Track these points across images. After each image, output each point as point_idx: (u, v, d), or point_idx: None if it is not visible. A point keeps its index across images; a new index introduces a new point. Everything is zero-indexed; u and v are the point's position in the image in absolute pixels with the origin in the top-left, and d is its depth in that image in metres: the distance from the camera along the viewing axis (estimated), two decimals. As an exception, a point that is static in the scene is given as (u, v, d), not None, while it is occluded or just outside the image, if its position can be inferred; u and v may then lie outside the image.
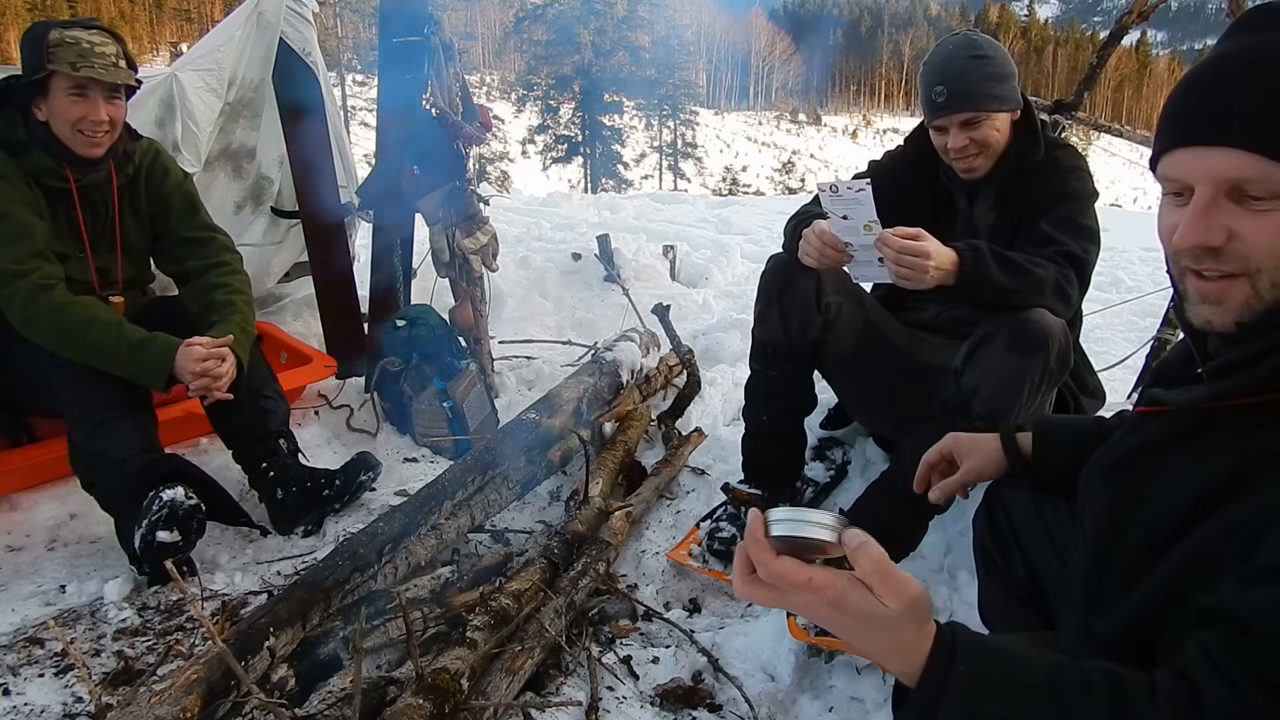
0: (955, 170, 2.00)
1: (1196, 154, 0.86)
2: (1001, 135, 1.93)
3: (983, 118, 1.89)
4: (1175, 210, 0.90)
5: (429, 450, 2.79)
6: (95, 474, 2.03)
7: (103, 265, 2.23)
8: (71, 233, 2.15)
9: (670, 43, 39.24)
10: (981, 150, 1.93)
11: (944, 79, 1.88)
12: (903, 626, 0.78)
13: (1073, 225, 1.89)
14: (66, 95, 2.01)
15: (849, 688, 1.71)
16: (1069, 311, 1.84)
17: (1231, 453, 0.86)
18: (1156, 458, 0.96)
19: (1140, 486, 0.96)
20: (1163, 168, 0.91)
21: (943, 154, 1.98)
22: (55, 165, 2.07)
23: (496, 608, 1.70)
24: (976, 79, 1.88)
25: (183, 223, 2.31)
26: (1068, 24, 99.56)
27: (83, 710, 1.62)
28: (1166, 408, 0.97)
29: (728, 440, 2.68)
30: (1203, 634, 0.78)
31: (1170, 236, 0.90)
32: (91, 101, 2.02)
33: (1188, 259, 0.89)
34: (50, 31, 1.98)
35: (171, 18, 55.11)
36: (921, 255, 1.69)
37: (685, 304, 4.11)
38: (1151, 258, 6.09)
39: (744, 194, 35.29)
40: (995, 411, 1.75)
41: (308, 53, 3.04)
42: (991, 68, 1.89)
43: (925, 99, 1.94)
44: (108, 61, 2.01)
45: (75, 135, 2.04)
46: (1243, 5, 2.86)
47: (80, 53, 1.97)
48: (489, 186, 21.92)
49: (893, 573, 0.79)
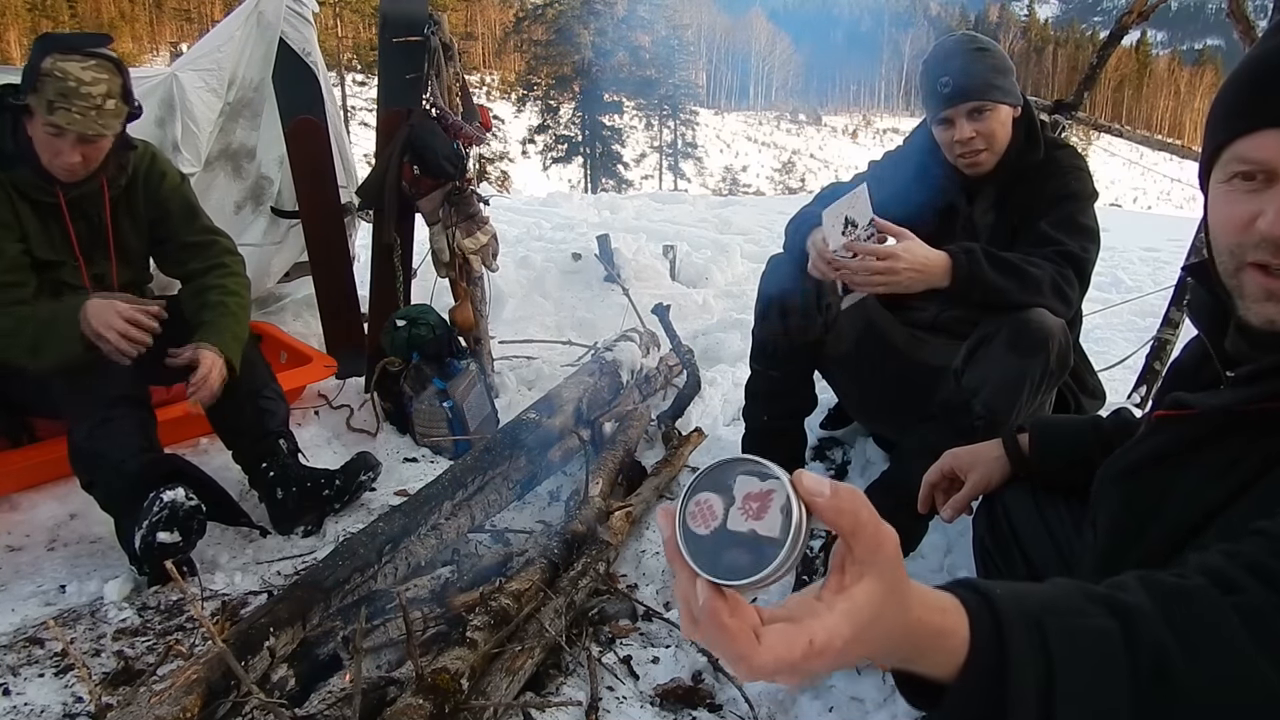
0: (959, 168, 1.99)
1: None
2: (1005, 131, 1.93)
3: (988, 108, 1.89)
4: (1250, 197, 0.82)
5: (429, 450, 2.79)
6: (95, 474, 2.03)
7: (97, 272, 2.21)
8: (63, 242, 2.13)
9: (670, 43, 39.22)
10: (987, 145, 1.92)
11: (949, 70, 1.89)
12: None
13: (1072, 225, 1.89)
14: (42, 129, 1.94)
15: (849, 688, 1.71)
16: (1069, 311, 1.84)
17: (1256, 457, 0.84)
18: (1178, 462, 0.93)
19: (1160, 490, 0.94)
20: (1240, 150, 0.83)
21: (947, 150, 1.97)
22: (42, 181, 2.03)
23: (496, 608, 1.70)
24: (981, 70, 1.88)
25: (184, 227, 2.30)
26: (1068, 24, 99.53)
27: (83, 710, 1.62)
28: (1189, 411, 0.93)
29: (728, 440, 2.68)
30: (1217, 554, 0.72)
31: (1241, 227, 0.83)
32: (65, 141, 1.94)
33: (1263, 252, 0.81)
34: (47, 57, 1.88)
35: (171, 18, 55.11)
36: (888, 257, 1.69)
37: (685, 304, 4.11)
38: (1151, 258, 6.09)
39: (744, 194, 35.29)
40: (995, 411, 1.75)
41: (308, 53, 3.05)
42: (994, 60, 1.90)
43: (930, 91, 1.93)
44: (90, 104, 1.90)
45: (52, 163, 2.00)
46: (1243, 5, 2.86)
47: (62, 91, 1.87)
48: (489, 186, 21.93)
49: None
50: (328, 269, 3.21)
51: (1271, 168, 0.81)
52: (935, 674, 0.63)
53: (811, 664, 0.55)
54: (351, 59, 37.05)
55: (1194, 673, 0.63)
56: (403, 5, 2.84)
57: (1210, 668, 0.64)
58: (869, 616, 0.57)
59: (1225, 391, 0.91)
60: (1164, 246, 6.34)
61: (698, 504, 0.58)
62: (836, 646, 0.55)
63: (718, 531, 0.57)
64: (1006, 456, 1.38)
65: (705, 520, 0.58)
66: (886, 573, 0.58)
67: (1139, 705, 0.62)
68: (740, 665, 0.55)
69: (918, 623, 0.60)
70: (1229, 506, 0.84)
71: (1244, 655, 0.64)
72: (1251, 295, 0.84)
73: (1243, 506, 0.83)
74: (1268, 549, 0.71)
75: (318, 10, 3.16)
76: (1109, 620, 0.64)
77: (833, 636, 0.55)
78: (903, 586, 0.59)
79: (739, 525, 0.57)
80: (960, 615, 0.62)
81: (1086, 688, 0.61)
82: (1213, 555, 0.73)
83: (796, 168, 60.42)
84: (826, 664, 0.56)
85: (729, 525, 0.57)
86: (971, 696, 0.62)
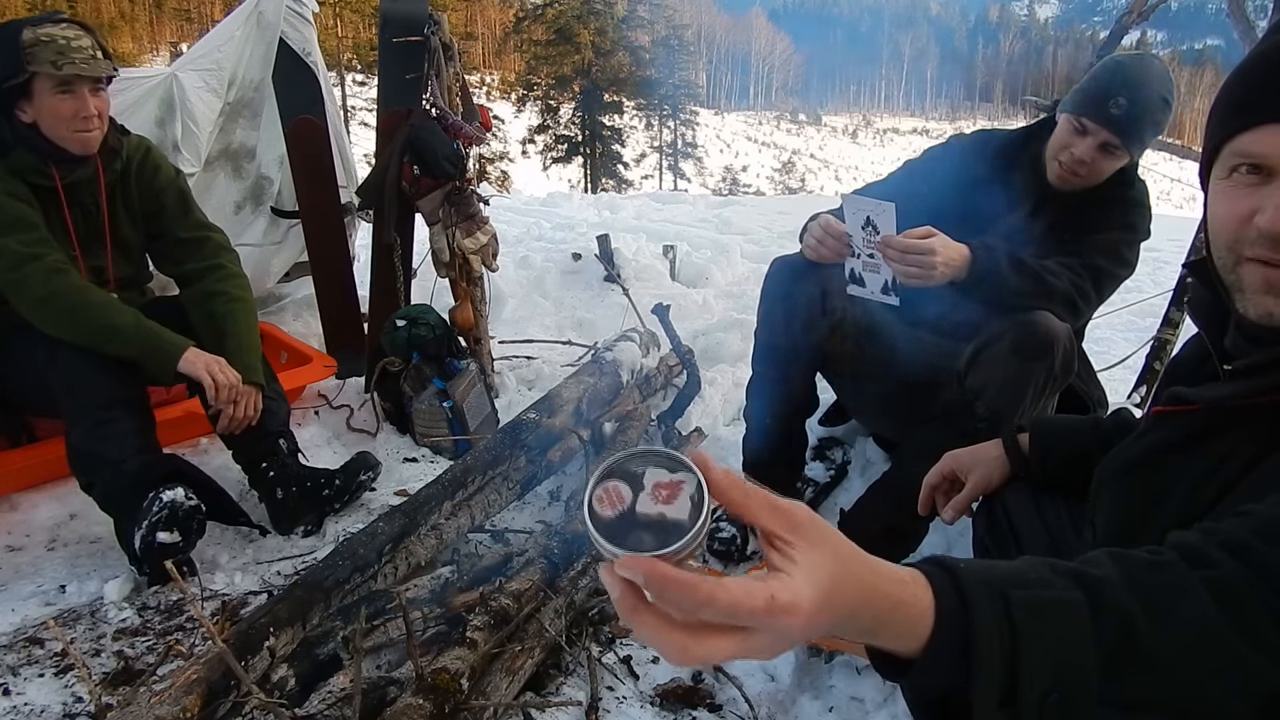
0: (1047, 169, 1.95)
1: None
2: (1109, 173, 1.92)
3: (1120, 153, 1.87)
4: (1249, 193, 0.83)
5: (429, 450, 2.79)
6: (94, 475, 2.03)
7: (95, 265, 2.21)
8: (61, 233, 2.14)
9: (670, 43, 39.22)
10: (1087, 177, 1.90)
11: (1130, 98, 1.80)
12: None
13: (1113, 251, 1.89)
14: (53, 95, 1.99)
15: (849, 688, 1.71)
16: (1076, 323, 1.84)
17: (1253, 450, 0.84)
18: (1176, 457, 0.93)
19: (1159, 486, 0.94)
20: (1240, 145, 0.83)
21: (1056, 148, 1.92)
22: (40, 164, 2.06)
23: (496, 608, 1.70)
24: (1149, 120, 1.83)
25: (178, 222, 2.30)
26: (1068, 24, 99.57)
27: (83, 710, 1.62)
28: (1188, 407, 0.94)
29: (728, 440, 2.68)
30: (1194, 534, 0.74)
31: (1240, 222, 0.83)
32: (79, 97, 2.01)
33: (1264, 247, 0.82)
34: (23, 32, 1.95)
35: (171, 18, 55.07)
36: (927, 253, 1.69)
37: (685, 304, 4.10)
38: (1151, 258, 6.07)
39: (744, 194, 35.28)
40: (998, 414, 1.75)
41: (308, 53, 3.04)
42: (1164, 120, 1.86)
43: (1098, 97, 1.83)
44: (87, 55, 2.00)
45: (69, 134, 2.03)
46: (1243, 5, 2.86)
47: (59, 50, 1.96)
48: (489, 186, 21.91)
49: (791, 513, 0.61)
50: (328, 269, 3.21)
51: (1270, 163, 0.81)
52: (898, 648, 0.63)
53: (777, 620, 0.55)
54: (351, 59, 37.03)
55: (1160, 641, 0.64)
56: (403, 5, 2.84)
57: (1177, 636, 0.65)
58: (825, 576, 0.58)
59: (1223, 385, 0.91)
60: (1164, 246, 6.31)
61: (605, 490, 0.61)
62: (803, 607, 0.56)
63: (625, 515, 0.60)
64: (1006, 456, 1.38)
65: (612, 504, 0.60)
66: (815, 537, 0.59)
67: (1105, 674, 0.63)
68: (705, 609, 0.54)
69: (875, 590, 0.61)
70: (1224, 499, 0.84)
71: (1210, 624, 0.65)
72: (1251, 288, 0.84)
73: (1236, 496, 0.83)
74: (1247, 526, 0.72)
75: (318, 10, 3.16)
76: (1075, 592, 0.66)
77: (796, 596, 0.56)
78: (845, 548, 0.61)
79: (648, 509, 0.60)
80: (921, 587, 0.63)
81: (1051, 657, 0.62)
82: (1190, 533, 0.74)
83: (796, 168, 60.41)
84: (797, 628, 0.56)
85: (638, 509, 0.60)
86: (938, 666, 0.63)
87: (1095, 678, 0.63)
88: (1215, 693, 0.65)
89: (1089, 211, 1.95)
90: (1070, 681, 0.62)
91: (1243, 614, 0.66)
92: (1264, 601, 0.66)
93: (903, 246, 1.70)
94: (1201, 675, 0.65)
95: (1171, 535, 0.74)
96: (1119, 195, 1.95)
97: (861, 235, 1.78)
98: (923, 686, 0.65)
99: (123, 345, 2.02)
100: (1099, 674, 0.63)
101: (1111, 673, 0.63)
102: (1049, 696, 0.62)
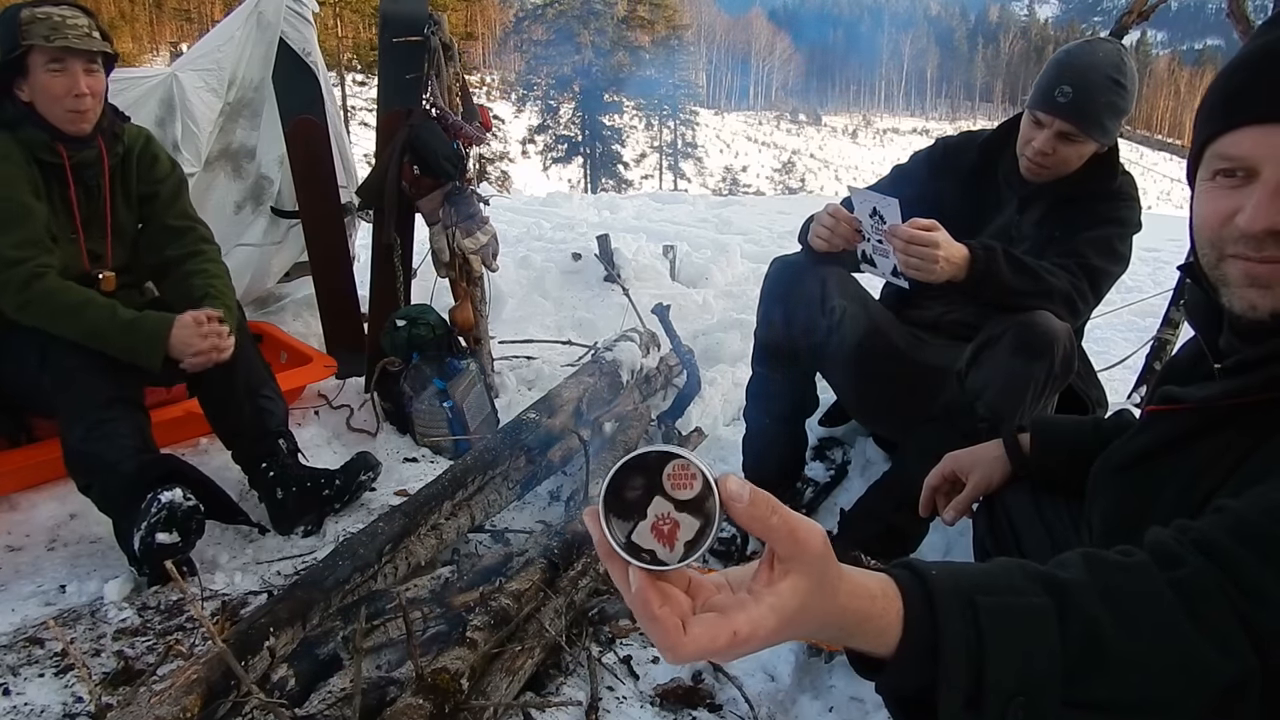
0: (1019, 164, 1.98)
1: (1269, 131, 0.81)
2: (1078, 161, 1.93)
3: (1079, 138, 1.87)
4: (1230, 194, 0.85)
5: (429, 450, 2.79)
6: (92, 476, 2.03)
7: (94, 248, 2.23)
8: (65, 212, 2.16)
9: (670, 43, 39.22)
10: (1054, 166, 1.92)
11: (1075, 84, 1.83)
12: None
13: (1106, 247, 1.90)
14: (46, 70, 2.02)
15: (849, 688, 1.71)
16: (1075, 322, 1.85)
17: (1243, 450, 0.85)
18: (1169, 456, 0.94)
19: (1153, 485, 0.94)
20: (1221, 147, 0.85)
21: (1022, 143, 1.96)
22: (49, 140, 2.08)
23: (496, 608, 1.70)
24: (1102, 103, 1.85)
25: (167, 209, 2.33)
26: (1068, 24, 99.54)
27: (83, 710, 1.62)
28: (1180, 406, 0.95)
29: (728, 440, 2.68)
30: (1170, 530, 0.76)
31: (1221, 222, 0.85)
32: (71, 74, 2.03)
33: (1244, 246, 0.83)
34: (21, 11, 2.00)
35: (171, 18, 55.02)
36: (931, 245, 1.70)
37: (685, 304, 4.10)
38: (1151, 258, 6.08)
39: (744, 194, 35.28)
40: (999, 414, 1.75)
41: (308, 53, 3.05)
42: (1120, 102, 1.87)
43: (1045, 88, 1.87)
44: (80, 32, 2.03)
45: (62, 113, 2.05)
46: (1243, 5, 2.86)
47: (53, 26, 2.00)
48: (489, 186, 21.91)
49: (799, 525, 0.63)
50: (328, 269, 3.21)
51: (1250, 164, 0.83)
52: (869, 650, 0.66)
53: (737, 650, 0.59)
54: (351, 59, 37.00)
55: (1125, 645, 0.66)
56: (403, 5, 2.84)
57: (1141, 640, 0.67)
58: (794, 608, 0.60)
59: (1213, 384, 0.92)
60: (1164, 247, 6.33)
61: (674, 468, 0.61)
62: (760, 635, 0.59)
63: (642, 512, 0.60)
64: (1007, 456, 1.39)
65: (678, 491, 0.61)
66: (812, 569, 0.61)
67: (1070, 678, 0.65)
68: (667, 653, 0.59)
69: (844, 610, 0.63)
70: (1214, 497, 0.85)
71: (1176, 628, 0.67)
72: (1235, 282, 0.86)
73: (1225, 494, 0.83)
74: (1221, 525, 0.73)
75: (318, 10, 3.16)
76: (1043, 597, 0.68)
77: (757, 627, 0.59)
78: (830, 578, 0.62)
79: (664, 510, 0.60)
80: (892, 599, 0.65)
81: (1017, 663, 0.64)
82: (1164, 531, 0.75)
83: (796, 168, 60.40)
84: (754, 649, 0.60)
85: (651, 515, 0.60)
86: (908, 670, 0.66)
87: (1060, 681, 0.65)
88: (1176, 690, 0.67)
89: (1076, 206, 1.96)
90: (1035, 686, 0.64)
91: (1206, 613, 0.68)
92: (1230, 600, 0.68)
93: (908, 236, 1.72)
94: (1163, 675, 0.67)
95: (1149, 532, 0.76)
96: (1104, 189, 1.96)
97: (870, 223, 1.81)
98: (894, 687, 0.68)
99: (105, 343, 2.03)
100: (1064, 678, 0.65)
101: (1077, 676, 0.65)
102: (1013, 699, 0.64)
